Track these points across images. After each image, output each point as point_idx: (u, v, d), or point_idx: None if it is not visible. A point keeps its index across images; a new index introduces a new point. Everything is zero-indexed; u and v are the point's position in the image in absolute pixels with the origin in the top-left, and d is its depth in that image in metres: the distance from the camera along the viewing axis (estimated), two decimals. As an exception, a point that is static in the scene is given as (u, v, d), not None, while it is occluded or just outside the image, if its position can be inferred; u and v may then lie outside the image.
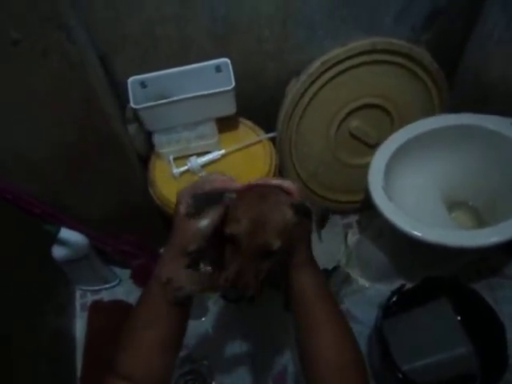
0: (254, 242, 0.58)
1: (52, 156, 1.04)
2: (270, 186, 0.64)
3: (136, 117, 1.11)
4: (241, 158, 1.19)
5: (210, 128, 1.16)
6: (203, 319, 1.39)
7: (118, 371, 0.62)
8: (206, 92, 1.07)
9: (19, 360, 1.06)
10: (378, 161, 1.18)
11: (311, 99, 1.25)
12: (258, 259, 0.59)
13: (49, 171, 1.07)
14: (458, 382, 1.06)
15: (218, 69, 1.12)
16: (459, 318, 1.14)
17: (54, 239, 1.19)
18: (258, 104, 1.30)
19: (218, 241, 0.62)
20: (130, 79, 1.08)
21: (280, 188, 0.63)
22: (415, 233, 1.03)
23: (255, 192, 0.62)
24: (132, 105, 1.06)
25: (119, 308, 1.42)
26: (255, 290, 0.59)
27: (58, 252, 1.22)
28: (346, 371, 0.64)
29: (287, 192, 0.64)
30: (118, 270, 1.50)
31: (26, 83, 0.87)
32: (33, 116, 0.94)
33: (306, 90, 1.23)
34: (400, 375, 1.01)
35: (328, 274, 1.42)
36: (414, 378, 1.00)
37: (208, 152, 1.18)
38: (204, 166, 1.17)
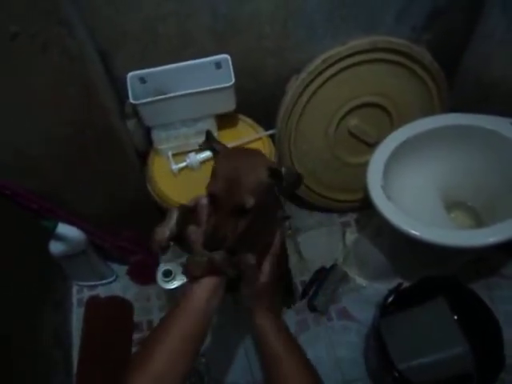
0: (230, 198, 0.61)
1: (50, 151, 1.03)
2: (253, 149, 0.68)
3: (135, 112, 1.11)
4: (240, 156, 1.18)
5: (210, 124, 1.16)
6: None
7: None
8: (205, 88, 1.06)
9: (17, 354, 1.06)
10: (377, 160, 1.18)
11: (311, 97, 1.25)
12: (234, 215, 0.62)
13: (47, 166, 1.07)
14: (455, 381, 1.07)
15: (217, 65, 1.11)
16: (456, 317, 1.14)
17: (52, 234, 1.18)
18: (257, 101, 1.29)
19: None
20: (130, 74, 1.07)
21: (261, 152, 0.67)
22: (413, 232, 1.03)
23: (237, 152, 0.67)
24: (131, 100, 1.05)
25: (116, 304, 1.42)
26: (231, 242, 0.63)
27: (55, 247, 1.22)
28: None
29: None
30: (115, 265, 1.50)
31: (25, 77, 0.86)
32: (31, 111, 0.93)
33: (305, 88, 1.22)
34: (397, 374, 1.01)
35: (326, 272, 1.42)
36: (410, 377, 1.00)
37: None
38: (203, 162, 1.17)
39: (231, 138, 1.20)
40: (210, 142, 0.68)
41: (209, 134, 0.69)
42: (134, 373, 0.64)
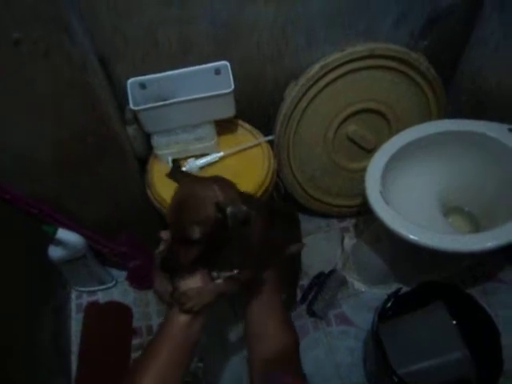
0: (176, 228, 0.64)
1: (51, 157, 1.04)
2: (215, 179, 0.69)
3: (135, 118, 1.11)
4: (239, 161, 1.19)
5: (209, 130, 1.17)
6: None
7: None
8: (205, 94, 1.07)
9: (16, 359, 1.06)
10: (376, 165, 1.19)
11: (309, 103, 1.26)
12: (185, 243, 0.64)
13: (47, 172, 1.07)
14: (453, 386, 1.07)
15: (217, 71, 1.12)
16: (455, 322, 1.14)
17: (51, 239, 1.18)
18: (256, 107, 1.30)
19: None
20: (130, 80, 1.08)
21: (219, 185, 0.67)
22: (412, 237, 1.03)
23: (193, 183, 0.67)
24: (131, 106, 1.06)
25: (115, 309, 1.42)
26: (184, 266, 0.66)
27: (54, 252, 1.22)
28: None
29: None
30: (114, 271, 1.50)
31: (27, 83, 0.87)
32: (32, 116, 0.94)
33: (304, 94, 1.23)
34: (396, 379, 1.01)
35: (324, 277, 1.43)
36: (409, 382, 1.01)
37: (206, 154, 1.19)
38: (202, 168, 1.17)
39: (230, 144, 1.21)
40: (174, 173, 0.71)
41: (174, 165, 0.72)
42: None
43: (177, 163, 0.73)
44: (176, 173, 0.71)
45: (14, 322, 1.09)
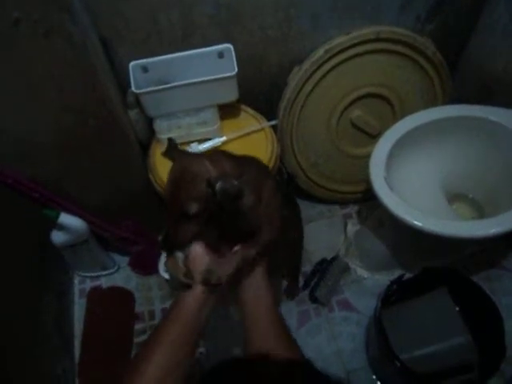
0: (173, 205, 0.64)
1: (52, 141, 1.03)
2: (207, 155, 0.68)
3: (137, 102, 1.10)
4: (242, 146, 1.18)
5: (212, 114, 1.15)
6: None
7: None
8: (208, 78, 1.06)
9: (18, 345, 1.06)
10: (380, 151, 1.17)
11: (313, 88, 1.24)
12: (183, 219, 0.64)
13: (49, 155, 1.06)
14: (456, 371, 1.07)
15: (220, 55, 1.11)
16: (458, 308, 1.14)
17: (54, 224, 1.18)
18: (260, 91, 1.29)
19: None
20: (132, 63, 1.07)
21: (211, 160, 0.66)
22: (416, 223, 1.03)
23: (187, 159, 0.67)
24: (133, 89, 1.05)
25: (117, 294, 1.43)
26: (184, 242, 0.67)
27: (57, 237, 1.22)
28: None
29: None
30: (116, 256, 1.50)
31: (27, 65, 0.86)
32: (33, 99, 0.92)
33: (308, 79, 1.22)
34: (398, 364, 1.01)
35: (327, 263, 1.42)
36: (412, 368, 1.01)
37: (209, 139, 1.18)
38: (205, 152, 1.16)
39: (233, 129, 1.19)
40: (170, 151, 0.70)
41: (170, 143, 0.71)
42: (133, 376, 0.63)
43: (172, 141, 0.72)
44: (172, 151, 0.70)
45: (16, 307, 1.09)
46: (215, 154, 0.69)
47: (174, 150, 0.70)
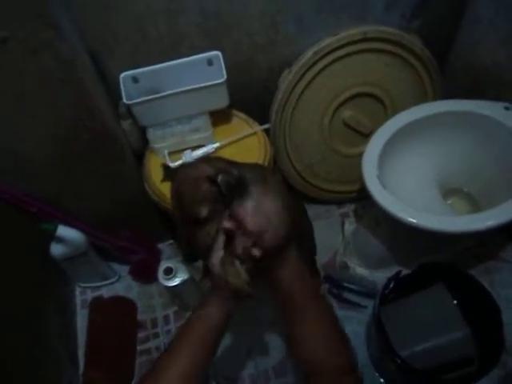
0: (184, 216, 0.66)
1: (46, 155, 1.04)
2: (200, 161, 0.70)
3: (129, 112, 1.11)
4: (235, 151, 1.19)
5: (204, 121, 1.16)
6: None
7: None
8: (198, 85, 1.07)
9: (22, 360, 1.07)
10: (372, 149, 1.18)
11: (304, 90, 1.25)
12: (191, 227, 0.65)
13: (44, 170, 1.07)
14: (456, 365, 1.07)
15: (209, 62, 1.12)
16: (456, 302, 1.15)
17: (52, 237, 1.19)
18: (251, 96, 1.30)
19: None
20: (122, 75, 1.08)
21: (206, 161, 0.68)
22: (410, 219, 1.03)
23: (182, 171, 0.69)
24: (124, 100, 1.06)
25: (119, 303, 1.43)
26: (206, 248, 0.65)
27: (56, 250, 1.23)
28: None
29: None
30: (116, 266, 1.51)
31: (16, 82, 0.87)
32: (25, 115, 0.93)
33: (298, 81, 1.23)
34: (399, 361, 1.02)
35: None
36: (412, 364, 1.01)
37: (202, 145, 1.19)
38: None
39: (226, 134, 1.20)
40: (167, 174, 0.72)
41: (164, 168, 0.73)
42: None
43: (167, 166, 0.74)
44: (169, 173, 0.72)
45: (18, 321, 1.10)
46: (210, 158, 0.71)
47: (170, 172, 0.72)
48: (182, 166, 0.75)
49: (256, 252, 0.60)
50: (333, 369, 0.64)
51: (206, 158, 0.69)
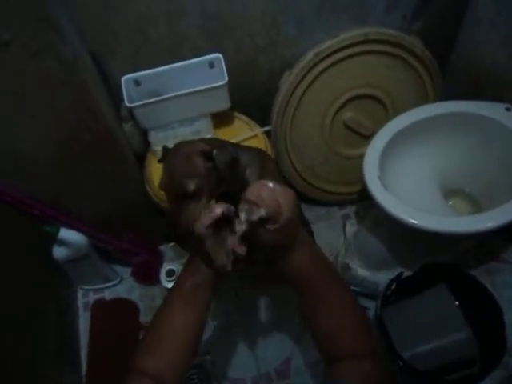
0: (171, 188, 0.67)
1: (47, 156, 1.04)
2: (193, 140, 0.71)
3: (131, 115, 1.12)
4: (237, 153, 1.19)
5: (206, 123, 1.17)
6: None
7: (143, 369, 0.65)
8: (199, 88, 1.07)
9: (23, 362, 1.07)
10: (373, 150, 1.18)
11: (305, 92, 1.26)
12: (186, 202, 0.65)
13: (45, 172, 1.07)
14: (458, 366, 1.07)
15: (210, 64, 1.12)
16: (458, 303, 1.15)
17: (54, 240, 1.19)
18: (252, 98, 1.30)
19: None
20: (124, 78, 1.08)
21: (203, 140, 0.69)
22: (411, 220, 1.03)
23: (175, 148, 0.69)
24: (126, 103, 1.06)
25: (121, 305, 1.43)
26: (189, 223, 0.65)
27: (58, 252, 1.23)
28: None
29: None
30: (118, 268, 1.51)
31: (18, 84, 0.87)
32: (27, 117, 0.94)
33: (299, 83, 1.23)
34: (401, 363, 1.02)
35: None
36: (414, 365, 1.01)
37: (204, 147, 1.19)
38: (200, 161, 1.18)
39: (227, 136, 1.20)
40: (165, 154, 0.72)
41: (164, 148, 0.73)
42: (146, 357, 0.66)
43: (164, 146, 0.74)
44: (166, 153, 0.72)
45: (20, 324, 1.10)
46: (206, 138, 0.71)
47: (168, 152, 0.72)
48: (172, 149, 0.73)
49: (262, 212, 0.59)
50: (352, 353, 0.64)
51: (205, 138, 0.69)
